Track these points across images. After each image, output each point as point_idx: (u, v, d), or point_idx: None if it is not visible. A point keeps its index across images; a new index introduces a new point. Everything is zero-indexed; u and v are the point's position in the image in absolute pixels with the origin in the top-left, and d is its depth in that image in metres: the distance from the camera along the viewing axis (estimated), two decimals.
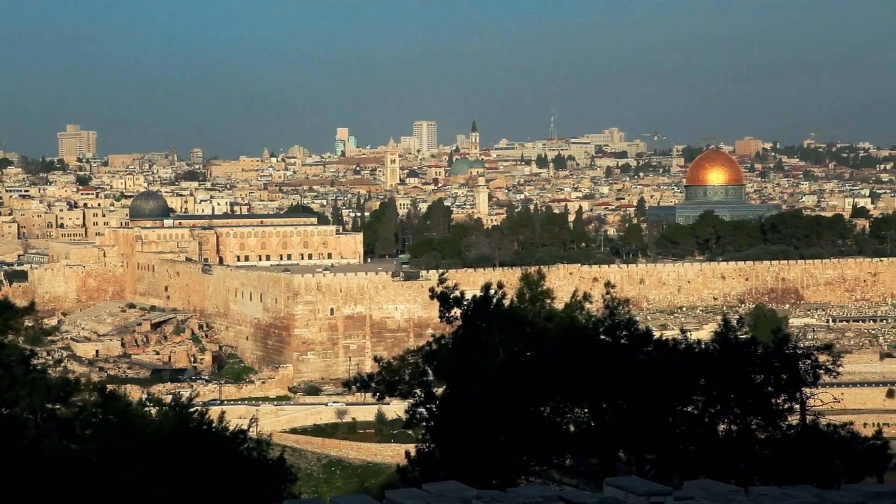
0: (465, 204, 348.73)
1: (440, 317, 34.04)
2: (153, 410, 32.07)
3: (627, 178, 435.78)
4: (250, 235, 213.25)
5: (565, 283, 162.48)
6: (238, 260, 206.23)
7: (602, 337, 33.17)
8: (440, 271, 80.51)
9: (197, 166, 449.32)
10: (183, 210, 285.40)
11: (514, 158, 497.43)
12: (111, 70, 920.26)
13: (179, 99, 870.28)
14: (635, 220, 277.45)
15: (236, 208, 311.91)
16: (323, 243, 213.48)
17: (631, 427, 30.75)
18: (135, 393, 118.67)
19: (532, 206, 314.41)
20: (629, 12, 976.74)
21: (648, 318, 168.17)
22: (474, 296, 33.61)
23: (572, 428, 32.27)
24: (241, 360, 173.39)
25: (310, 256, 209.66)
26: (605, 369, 31.07)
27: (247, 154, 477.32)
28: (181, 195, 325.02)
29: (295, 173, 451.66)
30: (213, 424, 31.42)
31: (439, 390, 33.13)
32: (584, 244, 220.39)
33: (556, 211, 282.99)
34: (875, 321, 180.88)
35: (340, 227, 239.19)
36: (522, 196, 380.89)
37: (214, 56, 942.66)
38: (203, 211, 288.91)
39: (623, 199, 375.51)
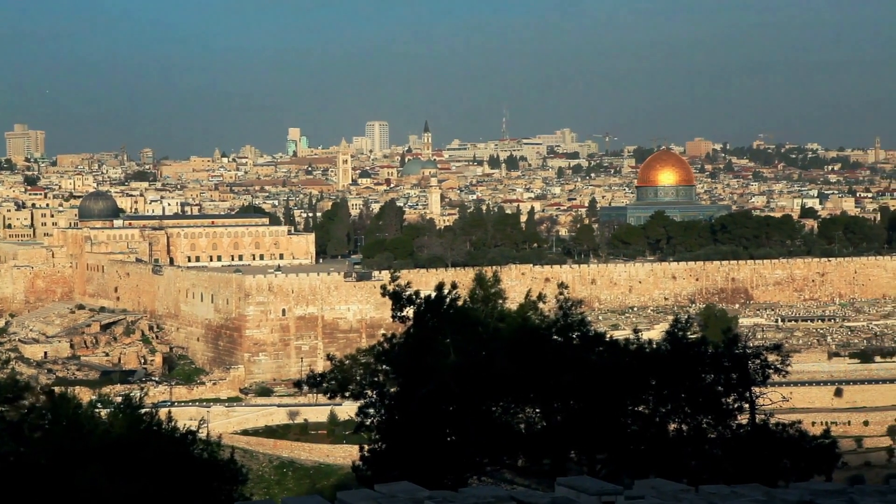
0: (417, 204, 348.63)
1: (392, 316, 34.01)
2: (103, 412, 31.80)
3: (579, 179, 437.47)
4: (201, 236, 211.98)
5: (517, 283, 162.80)
6: (189, 261, 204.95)
7: (554, 337, 33.28)
8: (392, 271, 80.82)
9: (147, 166, 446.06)
10: (133, 210, 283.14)
11: (466, 159, 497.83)
12: (60, 69, 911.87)
13: (129, 98, 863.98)
14: (587, 221, 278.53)
15: (187, 209, 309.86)
16: (275, 244, 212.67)
17: (582, 427, 30.87)
18: (84, 395, 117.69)
19: (484, 207, 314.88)
20: (581, 14, 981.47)
21: (600, 318, 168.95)
22: (427, 296, 33.61)
23: (524, 428, 32.36)
24: (192, 362, 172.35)
25: (261, 257, 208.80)
26: (556, 369, 31.16)
27: (197, 154, 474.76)
28: (131, 195, 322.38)
29: (246, 173, 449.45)
30: (164, 426, 31.22)
31: (391, 390, 33.09)
32: (536, 244, 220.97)
33: (509, 211, 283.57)
34: (823, 321, 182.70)
35: (292, 228, 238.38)
36: (475, 196, 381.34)
37: (164, 55, 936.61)
38: (153, 211, 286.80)
39: (575, 199, 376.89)
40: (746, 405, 32.38)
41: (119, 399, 33.36)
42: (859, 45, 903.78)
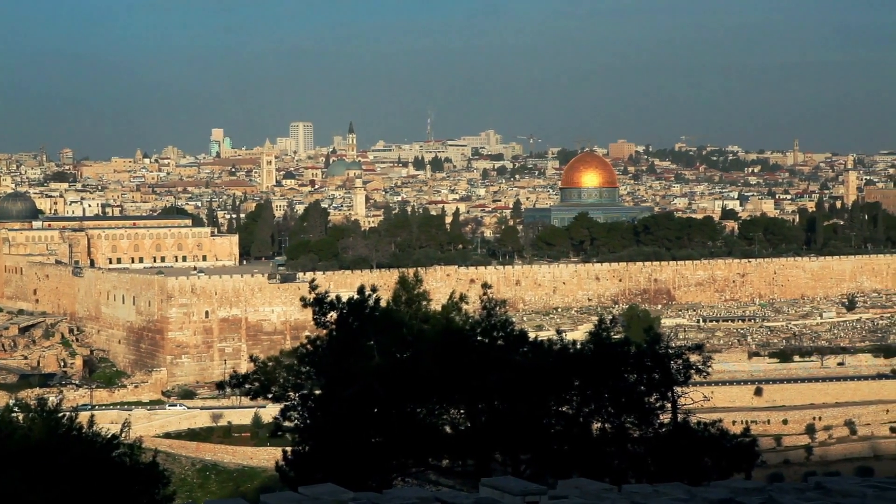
0: (342, 206, 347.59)
1: (315, 322, 33.85)
2: (21, 416, 31.34)
3: (504, 181, 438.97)
4: (122, 237, 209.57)
5: (442, 284, 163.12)
6: (110, 262, 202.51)
7: (478, 338, 33.34)
8: (312, 277, 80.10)
9: (67, 167, 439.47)
10: (52, 212, 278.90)
11: (391, 160, 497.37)
12: None
13: (48, 98, 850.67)
14: (511, 222, 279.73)
15: (108, 210, 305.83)
16: (197, 245, 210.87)
17: (506, 427, 30.96)
18: (2, 399, 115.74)
19: (409, 208, 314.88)
20: (505, 16, 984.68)
21: (524, 318, 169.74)
22: (350, 298, 33.51)
23: (448, 429, 32.39)
24: (114, 364, 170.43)
25: (184, 258, 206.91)
26: (481, 370, 31.23)
27: (119, 155, 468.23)
28: (50, 196, 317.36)
29: (168, 174, 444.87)
30: (84, 429, 30.83)
31: (315, 392, 32.95)
32: (460, 246, 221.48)
33: (433, 213, 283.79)
34: (743, 321, 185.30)
35: (215, 229, 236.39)
36: (399, 198, 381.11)
37: (85, 54, 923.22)
38: (73, 212, 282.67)
39: (499, 201, 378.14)
40: (669, 405, 32.69)
41: (37, 403, 32.86)
42: (778, 50, 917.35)
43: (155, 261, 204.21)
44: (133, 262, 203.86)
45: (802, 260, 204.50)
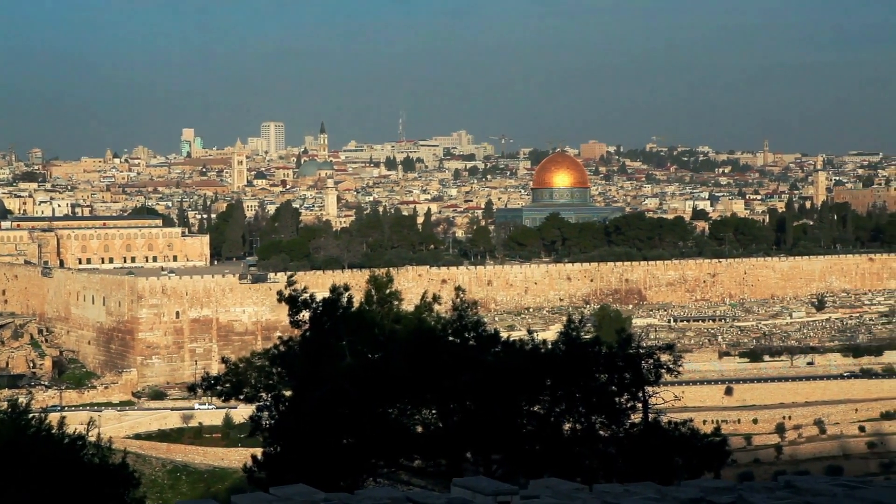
0: (313, 206, 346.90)
1: (290, 321, 33.76)
2: None
3: (475, 181, 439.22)
4: (92, 238, 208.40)
5: (414, 284, 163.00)
6: (80, 263, 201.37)
7: (450, 338, 33.34)
8: (289, 274, 79.83)
9: (36, 167, 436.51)
10: (21, 212, 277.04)
11: (362, 160, 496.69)
12: None
13: (18, 97, 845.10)
14: (483, 223, 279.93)
15: (78, 210, 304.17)
16: (168, 245, 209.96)
17: (478, 427, 30.97)
18: None
19: (381, 209, 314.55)
20: (476, 15, 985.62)
21: (496, 319, 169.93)
22: (323, 298, 33.44)
23: (420, 429, 32.37)
24: (83, 366, 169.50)
25: (154, 259, 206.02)
26: (452, 370, 31.22)
27: (88, 155, 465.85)
28: (19, 196, 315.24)
29: (139, 174, 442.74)
30: (53, 431, 30.64)
31: (287, 393, 32.88)
32: (432, 246, 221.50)
33: (405, 213, 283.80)
34: (714, 321, 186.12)
35: (186, 230, 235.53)
36: (371, 198, 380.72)
37: (55, 53, 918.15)
38: (43, 213, 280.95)
39: (471, 201, 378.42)
40: (639, 404, 32.78)
41: (5, 404, 32.63)
42: (748, 52, 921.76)
43: (125, 261, 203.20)
44: (103, 262, 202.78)
45: (772, 260, 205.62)
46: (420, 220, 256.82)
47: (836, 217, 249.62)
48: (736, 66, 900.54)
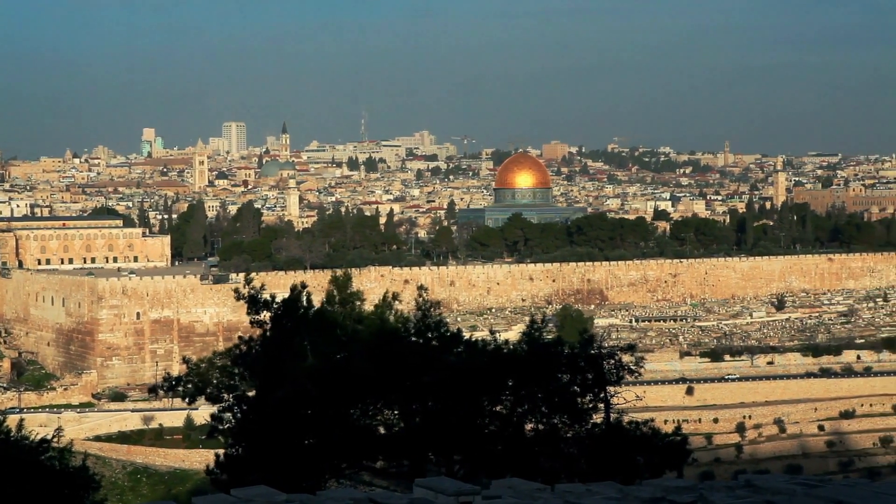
0: (275, 206, 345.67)
1: (249, 320, 33.62)
2: None
3: (438, 181, 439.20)
4: (52, 238, 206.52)
5: (376, 285, 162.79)
6: (39, 263, 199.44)
7: (412, 338, 33.32)
8: (247, 274, 79.55)
9: None
10: None
11: (324, 161, 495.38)
12: None
13: None
14: (445, 223, 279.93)
15: (37, 210, 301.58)
16: (129, 246, 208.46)
17: (440, 428, 30.97)
18: None
19: (343, 209, 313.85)
20: (439, 16, 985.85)
21: (459, 319, 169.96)
22: (284, 298, 33.34)
23: (382, 430, 32.33)
24: (43, 367, 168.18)
25: (115, 260, 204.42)
26: (415, 371, 31.21)
27: (48, 154, 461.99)
28: None
29: (99, 174, 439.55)
30: (12, 433, 30.39)
31: (248, 393, 32.75)
32: (395, 246, 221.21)
33: (367, 213, 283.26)
34: (675, 321, 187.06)
35: (147, 230, 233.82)
36: (333, 198, 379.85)
37: (14, 52, 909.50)
38: (1, 213, 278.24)
39: (433, 201, 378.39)
40: (601, 404, 32.88)
41: None
42: (709, 54, 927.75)
43: (85, 262, 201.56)
44: (63, 263, 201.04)
45: (733, 260, 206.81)
46: (382, 220, 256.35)
47: (795, 218, 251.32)
48: (697, 68, 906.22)
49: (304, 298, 33.10)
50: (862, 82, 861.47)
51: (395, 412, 32.47)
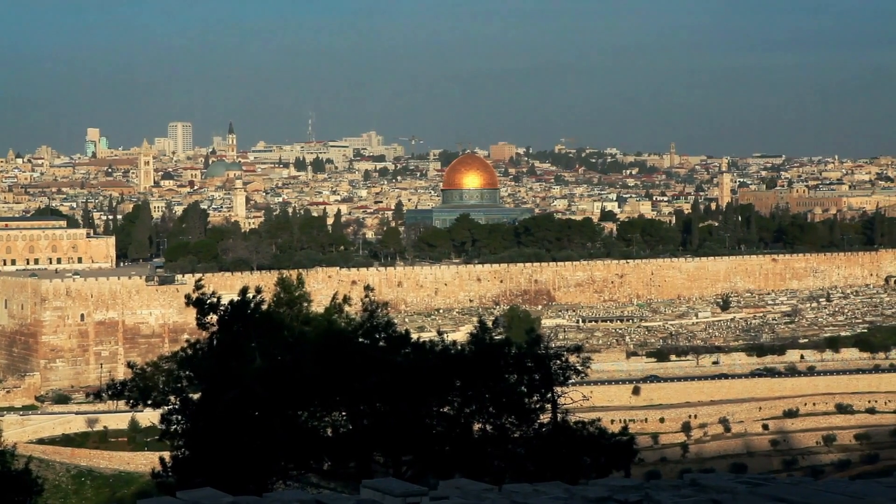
0: (221, 207, 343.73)
1: (197, 324, 33.38)
2: None
3: (385, 182, 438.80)
4: None
5: (324, 286, 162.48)
6: None
7: (360, 340, 33.26)
8: (196, 276, 79.16)
9: None
10: None
11: (271, 161, 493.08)
12: None
13: None
14: (393, 224, 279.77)
15: None
16: (73, 247, 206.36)
17: (388, 429, 30.94)
18: None
19: (290, 210, 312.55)
20: (386, 16, 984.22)
21: (406, 320, 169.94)
22: (231, 300, 33.14)
23: (330, 432, 32.25)
24: None
25: (59, 261, 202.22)
26: (362, 372, 31.16)
27: None
28: None
29: (42, 175, 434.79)
30: None
31: (195, 396, 32.52)
32: (342, 247, 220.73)
33: (315, 214, 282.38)
34: (622, 321, 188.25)
35: (91, 231, 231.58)
36: (280, 199, 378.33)
37: None
38: None
39: (381, 202, 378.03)
40: (548, 405, 32.98)
41: None
42: (654, 57, 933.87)
43: (28, 263, 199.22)
44: (5, 264, 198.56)
45: (678, 261, 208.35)
46: (330, 221, 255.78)
47: (740, 218, 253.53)
48: (642, 70, 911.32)
49: (253, 301, 32.93)
50: (806, 86, 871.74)
51: (343, 414, 32.40)
